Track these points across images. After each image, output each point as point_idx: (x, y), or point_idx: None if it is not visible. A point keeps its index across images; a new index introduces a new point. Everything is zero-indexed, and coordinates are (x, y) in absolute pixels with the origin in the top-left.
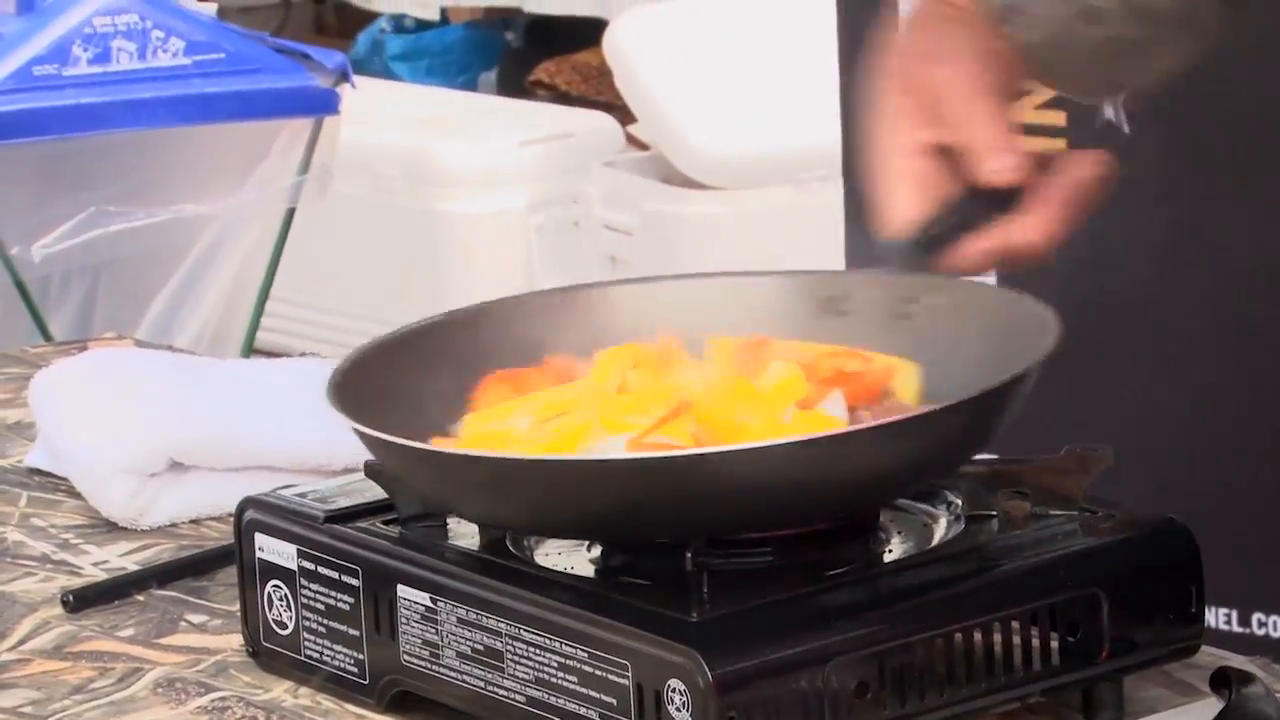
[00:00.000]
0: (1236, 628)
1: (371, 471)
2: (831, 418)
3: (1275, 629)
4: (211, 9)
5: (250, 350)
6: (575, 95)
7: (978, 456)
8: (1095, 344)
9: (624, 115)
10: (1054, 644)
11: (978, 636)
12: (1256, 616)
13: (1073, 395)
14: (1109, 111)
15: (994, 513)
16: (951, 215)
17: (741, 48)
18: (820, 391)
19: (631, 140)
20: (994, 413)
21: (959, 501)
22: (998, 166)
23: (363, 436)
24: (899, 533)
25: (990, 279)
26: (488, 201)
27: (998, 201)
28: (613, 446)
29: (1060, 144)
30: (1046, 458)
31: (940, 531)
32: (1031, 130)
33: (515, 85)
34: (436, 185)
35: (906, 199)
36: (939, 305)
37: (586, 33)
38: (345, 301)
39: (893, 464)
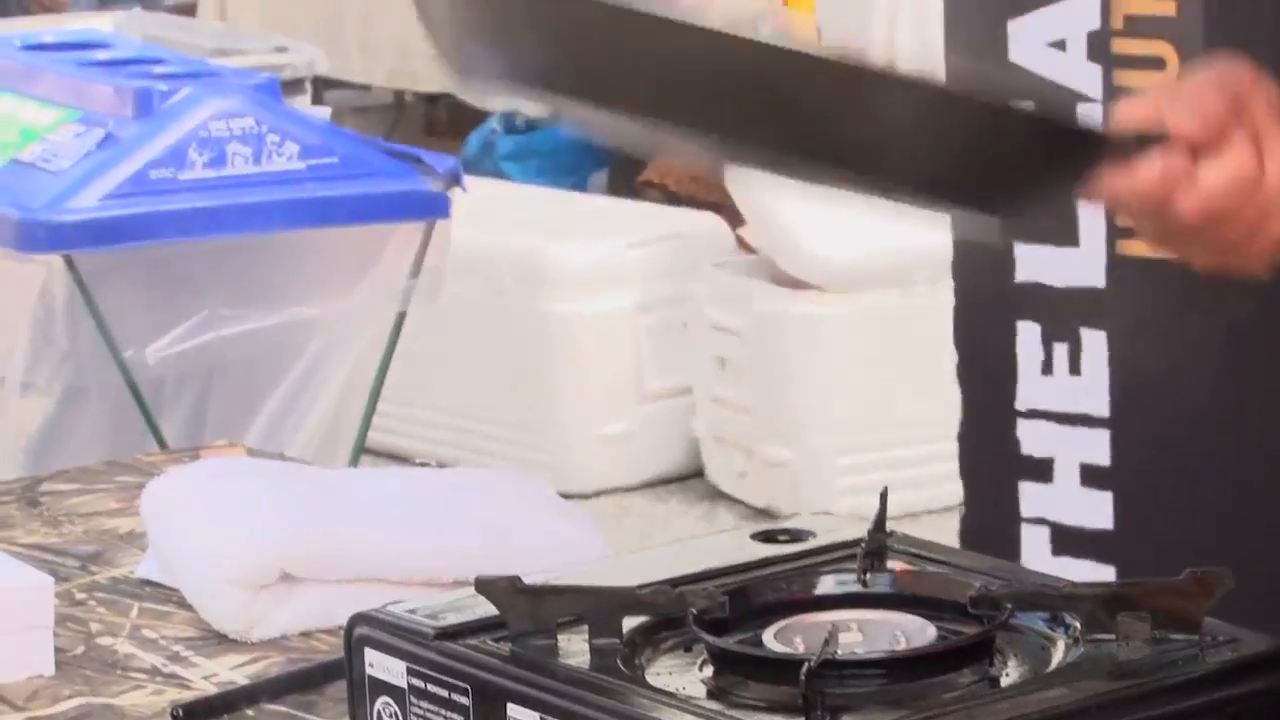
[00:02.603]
0: None
1: (482, 587)
2: None
3: None
4: (326, 112)
5: (361, 452)
6: (685, 196)
7: (1096, 579)
8: (1208, 462)
9: (733, 216)
10: None
11: None
12: None
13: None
14: None
15: (1113, 636)
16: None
17: None
18: None
19: (741, 242)
20: None
21: (1077, 624)
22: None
23: None
24: (1016, 656)
25: None
26: (597, 302)
27: None
28: None
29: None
30: (1166, 581)
31: (1058, 655)
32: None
33: (625, 185)
34: (546, 286)
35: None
36: None
37: None
38: (455, 402)
39: None
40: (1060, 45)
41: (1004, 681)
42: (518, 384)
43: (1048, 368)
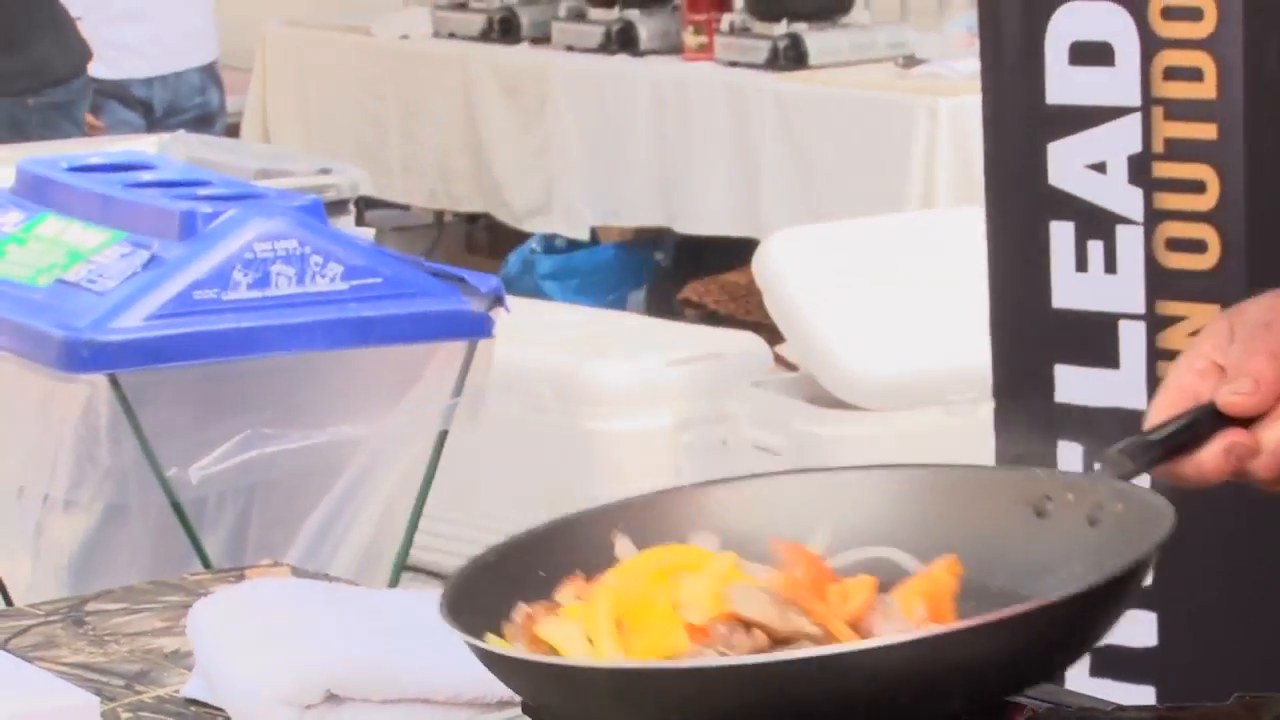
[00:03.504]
0: None
1: (529, 711)
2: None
3: None
4: (370, 233)
5: (402, 570)
6: (724, 315)
7: (1144, 703)
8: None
9: (772, 335)
10: None
11: None
12: None
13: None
14: None
15: None
16: (1184, 421)
17: (891, 269)
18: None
19: (780, 360)
20: (1096, 610)
21: None
22: (1237, 389)
23: (482, 655)
24: None
25: None
26: (636, 420)
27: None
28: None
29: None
30: (1215, 705)
31: None
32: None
33: (664, 304)
34: (586, 404)
35: (1162, 403)
36: (1118, 512)
37: (736, 252)
38: (497, 519)
39: (1009, 656)
40: (1100, 168)
41: None
42: (557, 501)
43: None
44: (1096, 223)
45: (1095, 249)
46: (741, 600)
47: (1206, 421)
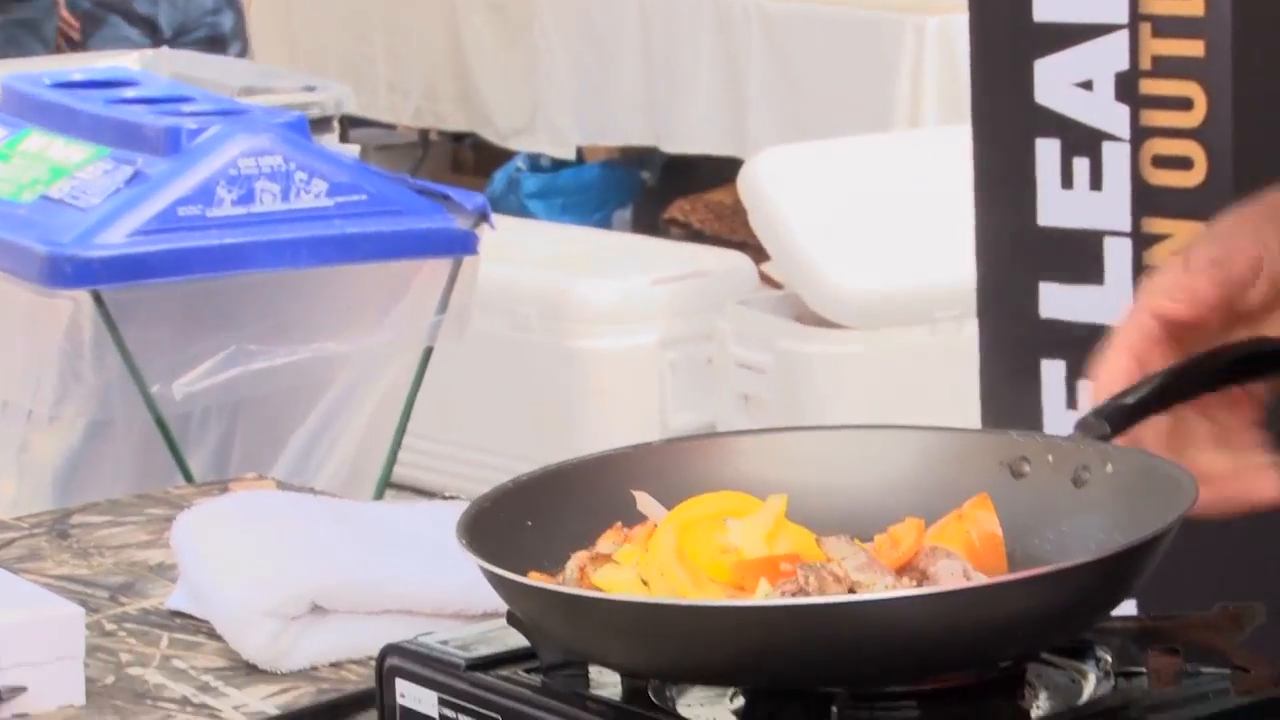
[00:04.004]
0: None
1: (513, 619)
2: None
3: None
4: (354, 150)
5: (386, 487)
6: (709, 233)
7: (1128, 612)
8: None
9: (758, 254)
10: None
11: None
12: None
13: (1222, 549)
14: None
15: (1143, 670)
16: (1157, 382)
17: (876, 187)
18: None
19: (765, 278)
20: (1119, 573)
21: (1108, 658)
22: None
23: (490, 575)
24: (1047, 689)
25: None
26: (621, 339)
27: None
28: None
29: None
30: (1198, 614)
31: (1089, 689)
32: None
33: (650, 223)
34: (571, 322)
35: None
36: (1109, 473)
37: (721, 171)
38: (480, 437)
39: (1018, 618)
40: (1087, 85)
41: (1034, 715)
42: (542, 419)
43: (1071, 407)
44: (1083, 140)
45: (1081, 166)
46: (831, 545)
47: (1180, 381)
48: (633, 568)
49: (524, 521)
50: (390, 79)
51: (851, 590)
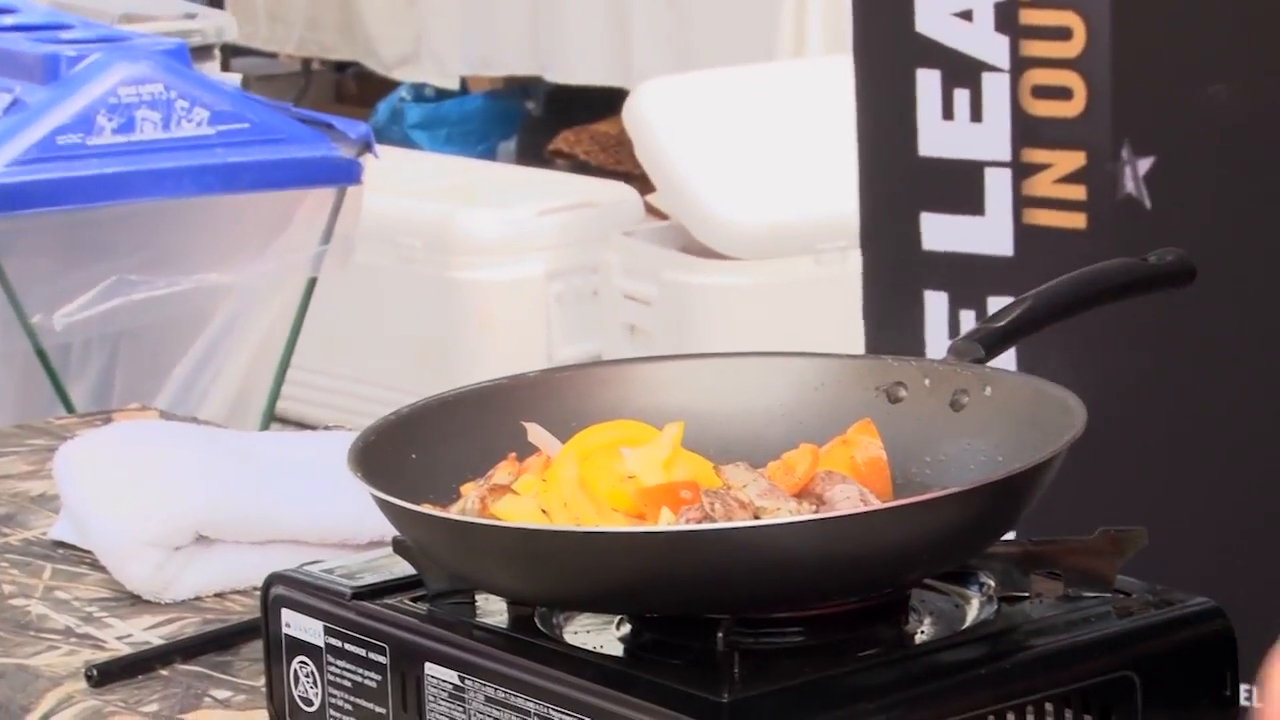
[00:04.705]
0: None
1: (399, 547)
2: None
3: None
4: (236, 79)
5: (270, 419)
6: (595, 165)
7: (1011, 538)
8: (1125, 424)
9: (643, 185)
10: None
11: (1009, 719)
12: None
13: (1104, 475)
14: (1129, 185)
15: (1026, 594)
16: (1027, 304)
17: (762, 118)
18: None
19: (651, 210)
20: (1013, 496)
21: (991, 583)
22: None
23: (386, 507)
24: (931, 614)
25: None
26: (507, 270)
27: None
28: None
29: (1080, 219)
30: (1079, 539)
31: (972, 613)
32: (1050, 204)
33: (535, 154)
34: (456, 254)
35: None
36: (987, 396)
37: (607, 102)
38: (365, 370)
39: (920, 541)
40: (967, 15)
41: (918, 639)
42: (427, 351)
43: (955, 334)
44: (963, 70)
45: (961, 97)
46: (731, 473)
47: (1050, 304)
48: (532, 498)
49: (409, 454)
50: (272, 8)
51: (756, 516)
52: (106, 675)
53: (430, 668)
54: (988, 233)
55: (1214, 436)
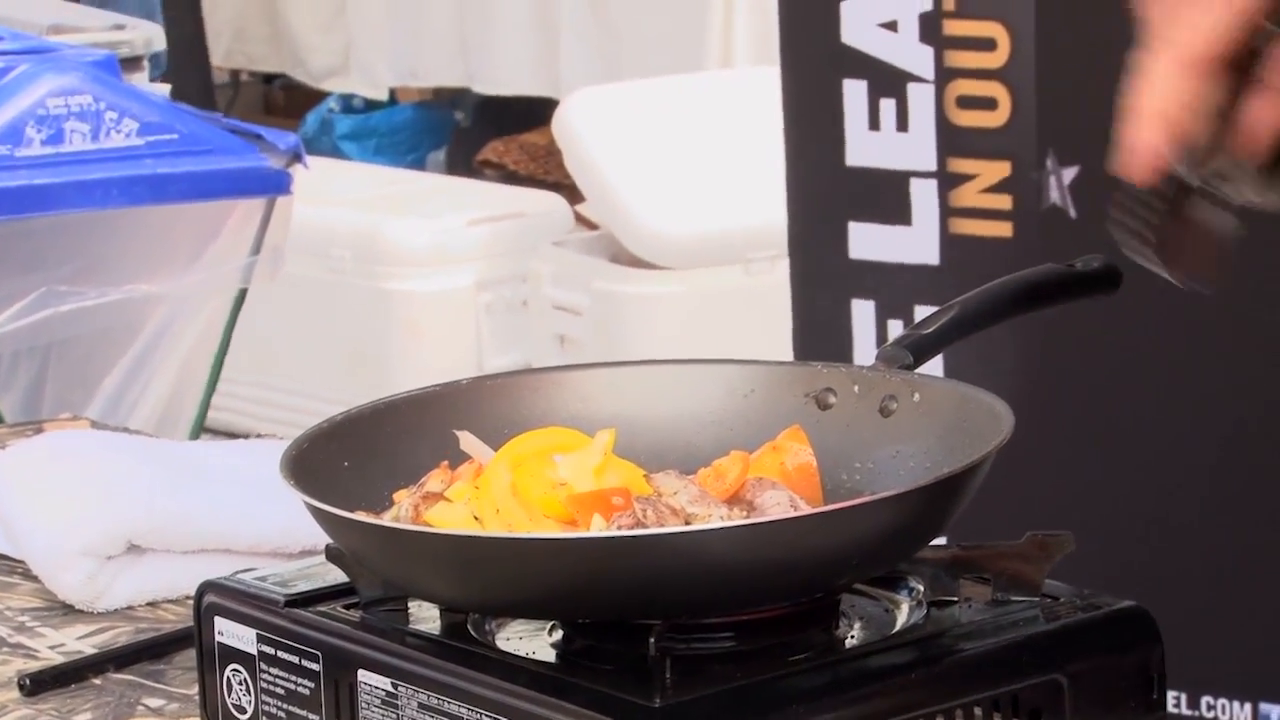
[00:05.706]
0: (1186, 710)
1: (332, 555)
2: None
3: (1224, 712)
4: (165, 90)
5: (200, 430)
6: (524, 175)
7: (940, 542)
8: (1052, 430)
9: (573, 195)
10: None
11: None
12: (1205, 700)
13: (1030, 480)
14: (1054, 194)
15: (956, 599)
16: (953, 313)
17: (691, 128)
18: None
19: (580, 220)
20: (942, 500)
21: (921, 587)
22: None
23: (319, 514)
24: (861, 618)
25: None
26: (437, 280)
27: None
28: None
29: (1005, 228)
30: (1008, 544)
31: (902, 617)
32: (976, 213)
33: (464, 165)
34: (385, 264)
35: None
36: (916, 403)
37: (536, 113)
38: (295, 380)
39: (850, 546)
40: (892, 26)
41: (849, 643)
42: (356, 361)
43: (883, 342)
44: (888, 81)
45: (888, 107)
46: (661, 481)
47: (977, 310)
48: (465, 505)
49: (341, 462)
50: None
51: (687, 523)
52: (39, 684)
53: (364, 675)
54: (915, 242)
55: (1138, 440)
